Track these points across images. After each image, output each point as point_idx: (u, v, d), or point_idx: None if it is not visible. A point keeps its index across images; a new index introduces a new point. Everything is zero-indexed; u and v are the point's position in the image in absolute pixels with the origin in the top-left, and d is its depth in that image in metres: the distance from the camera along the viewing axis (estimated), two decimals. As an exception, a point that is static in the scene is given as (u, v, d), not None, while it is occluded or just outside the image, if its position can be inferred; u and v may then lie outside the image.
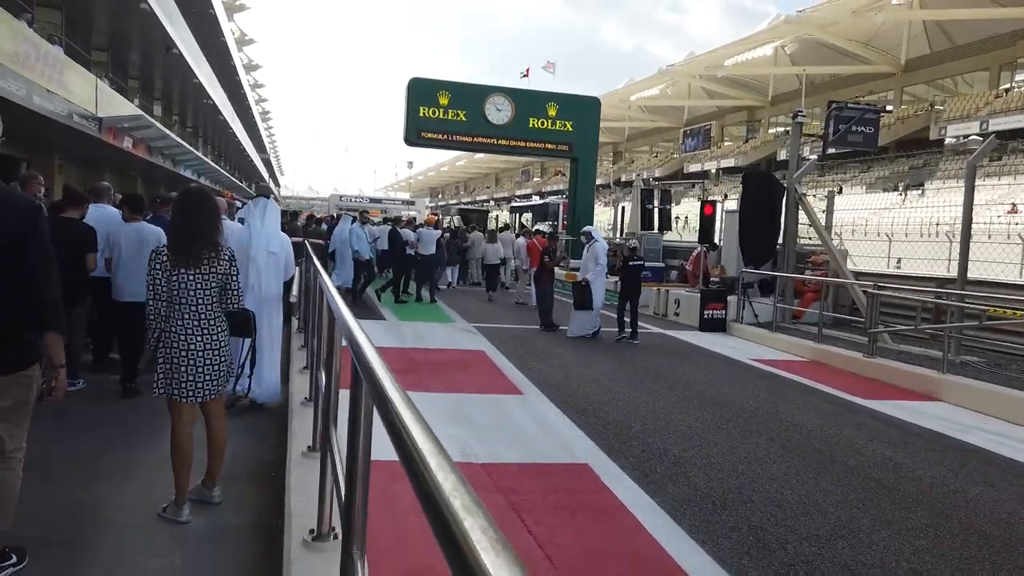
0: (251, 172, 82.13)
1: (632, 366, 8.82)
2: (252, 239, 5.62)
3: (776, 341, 10.89)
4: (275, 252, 5.66)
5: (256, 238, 5.63)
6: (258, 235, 5.65)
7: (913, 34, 49.20)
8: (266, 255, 5.61)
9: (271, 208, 5.87)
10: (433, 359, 8.45)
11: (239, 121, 53.47)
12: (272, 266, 5.67)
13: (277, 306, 5.92)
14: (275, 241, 5.73)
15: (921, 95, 53.15)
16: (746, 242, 12.65)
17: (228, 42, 43.41)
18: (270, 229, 5.73)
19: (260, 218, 5.74)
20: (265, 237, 5.66)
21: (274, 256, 5.66)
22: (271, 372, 5.85)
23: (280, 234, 5.88)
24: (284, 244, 5.86)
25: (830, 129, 12.59)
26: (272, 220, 5.80)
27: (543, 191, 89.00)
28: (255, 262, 5.53)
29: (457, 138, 20.15)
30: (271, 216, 5.80)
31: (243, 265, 5.14)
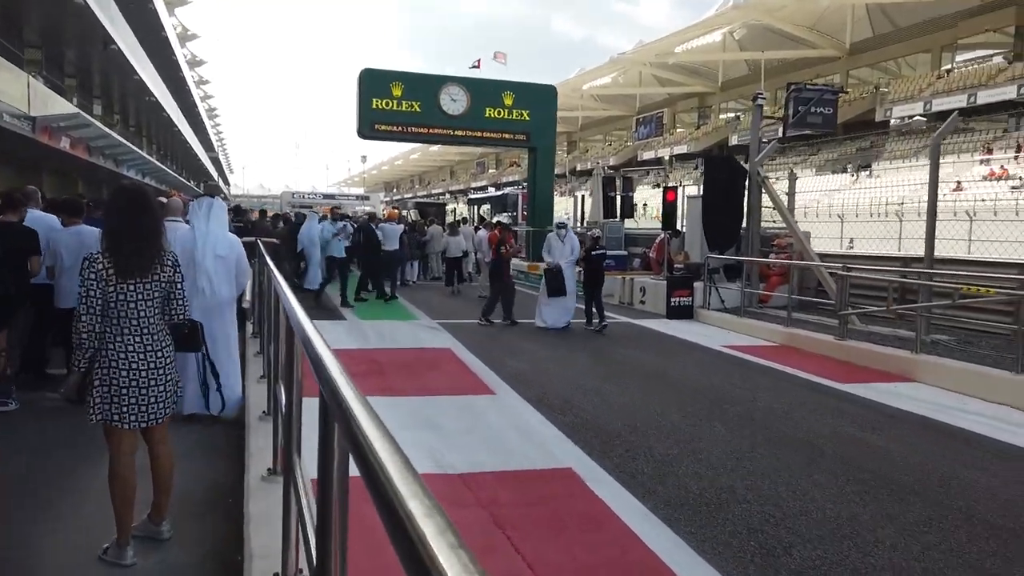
0: (199, 171, 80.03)
1: (604, 358, 8.59)
2: (197, 242, 5.26)
3: (745, 327, 10.77)
4: (223, 255, 5.33)
5: (202, 241, 5.27)
6: (204, 237, 5.28)
7: (856, 17, 50.07)
8: (214, 258, 5.27)
9: (217, 208, 5.49)
10: (398, 359, 8.09)
11: (185, 119, 51.89)
12: (222, 270, 5.34)
13: (231, 312, 5.56)
14: (223, 243, 5.38)
15: (865, 78, 54.16)
16: (710, 227, 12.52)
17: (170, 37, 41.97)
18: (217, 231, 5.37)
19: (205, 219, 5.36)
20: (212, 239, 5.31)
21: (223, 259, 5.33)
22: (233, 381, 5.50)
23: (228, 235, 5.54)
24: (233, 246, 5.51)
25: (789, 111, 12.51)
26: (218, 221, 5.43)
27: (499, 182, 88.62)
28: (202, 267, 5.19)
29: (412, 130, 19.65)
30: (217, 216, 5.43)
31: (189, 270, 4.90)
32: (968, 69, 45.25)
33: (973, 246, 20.09)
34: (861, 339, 8.97)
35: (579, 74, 66.99)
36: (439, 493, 3.93)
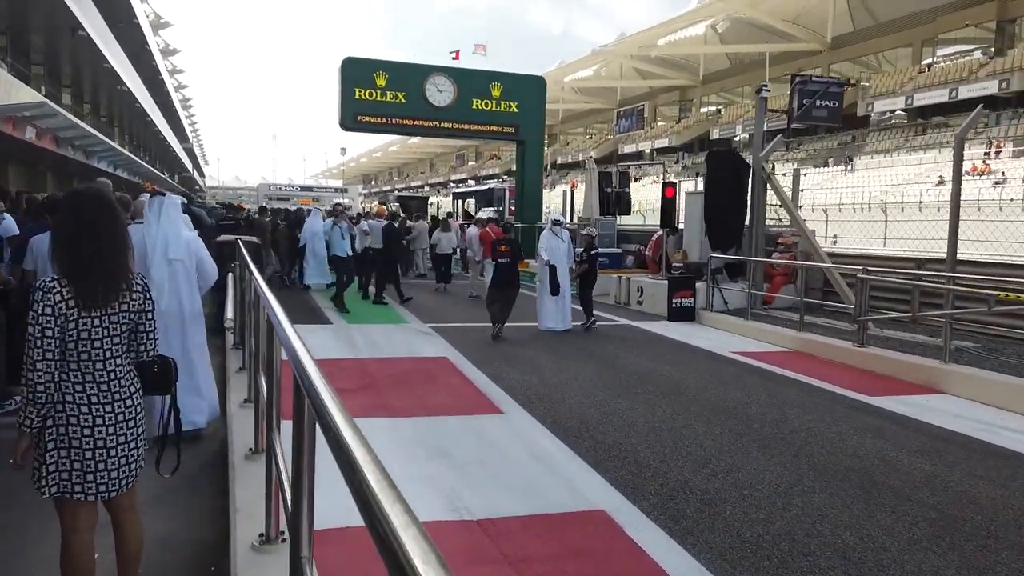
0: (173, 162, 78.38)
1: (612, 367, 8.04)
2: (147, 247, 4.73)
3: (753, 330, 10.29)
4: (178, 259, 4.83)
5: (151, 244, 4.75)
6: (153, 240, 4.77)
7: (838, 11, 50.03)
8: (165, 263, 4.77)
9: (168, 206, 4.96)
10: (392, 371, 7.48)
11: (158, 109, 50.49)
12: (180, 275, 4.85)
13: (194, 324, 5.01)
14: (176, 245, 4.85)
15: (846, 72, 54.19)
16: (712, 225, 12.02)
17: (142, 24, 40.63)
18: (167, 231, 4.84)
19: (156, 220, 4.84)
20: (162, 241, 4.79)
21: (178, 263, 4.83)
22: (208, 390, 5.05)
23: (184, 235, 4.98)
24: (191, 248, 4.98)
25: (794, 104, 12.03)
26: (170, 220, 4.89)
27: (479, 175, 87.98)
28: (150, 274, 4.64)
29: (397, 121, 18.98)
30: (169, 215, 4.90)
31: None
32: (949, 64, 45.32)
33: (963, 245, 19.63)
34: (880, 346, 8.52)
35: (560, 66, 66.42)
36: (458, 545, 3.37)
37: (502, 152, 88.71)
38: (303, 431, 1.80)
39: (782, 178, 11.80)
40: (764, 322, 10.56)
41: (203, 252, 5.13)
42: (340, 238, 11.41)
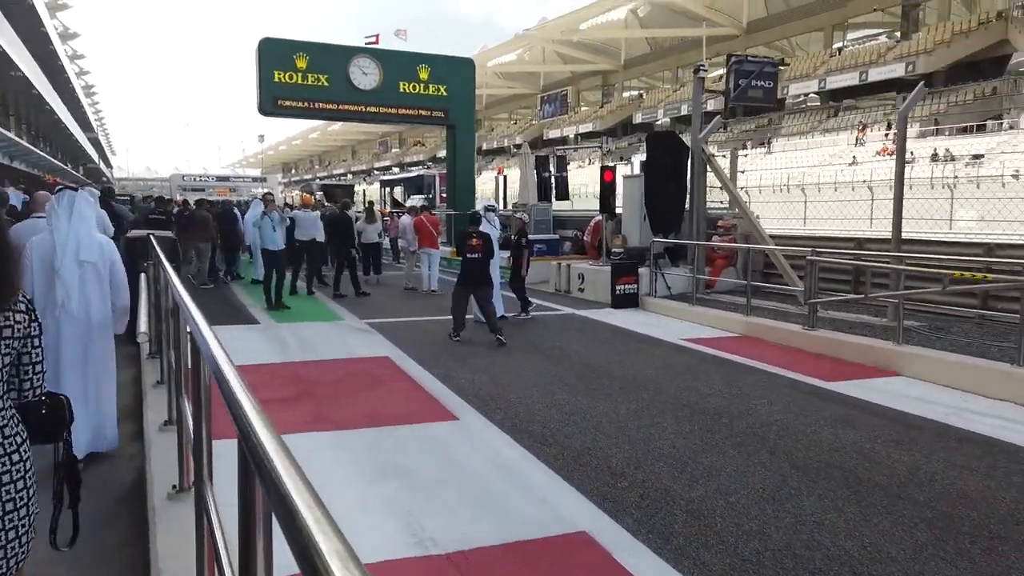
0: (77, 153, 73.94)
1: (563, 361, 7.66)
2: (56, 246, 4.34)
3: (699, 315, 10.10)
4: (90, 260, 4.42)
5: (61, 244, 4.35)
6: (64, 240, 4.36)
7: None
8: (76, 265, 4.37)
9: (80, 203, 4.51)
10: (331, 376, 6.88)
11: (57, 97, 47.26)
12: (92, 279, 4.43)
13: (102, 331, 4.53)
14: (87, 246, 4.43)
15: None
16: (654, 209, 11.80)
17: (37, 6, 37.76)
18: (79, 230, 4.43)
19: (66, 218, 4.42)
20: (73, 241, 4.38)
21: (90, 265, 4.42)
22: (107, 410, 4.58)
23: (96, 236, 4.58)
24: (103, 249, 4.56)
25: (731, 84, 11.88)
26: (82, 218, 4.47)
27: (403, 162, 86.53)
28: (60, 275, 4.30)
29: (320, 105, 18.03)
30: (81, 213, 4.47)
31: (48, 281, 4.26)
32: (859, 48, 46.94)
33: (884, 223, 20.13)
34: (829, 328, 8.43)
35: (483, 51, 65.74)
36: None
37: (426, 138, 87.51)
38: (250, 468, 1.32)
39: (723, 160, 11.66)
40: (709, 307, 10.40)
41: (116, 257, 4.67)
42: (271, 230, 10.58)
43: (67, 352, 4.31)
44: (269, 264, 10.77)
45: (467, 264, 8.77)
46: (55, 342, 4.21)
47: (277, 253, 10.73)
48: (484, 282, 8.82)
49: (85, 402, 4.34)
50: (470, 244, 8.75)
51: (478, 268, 8.74)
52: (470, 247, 8.73)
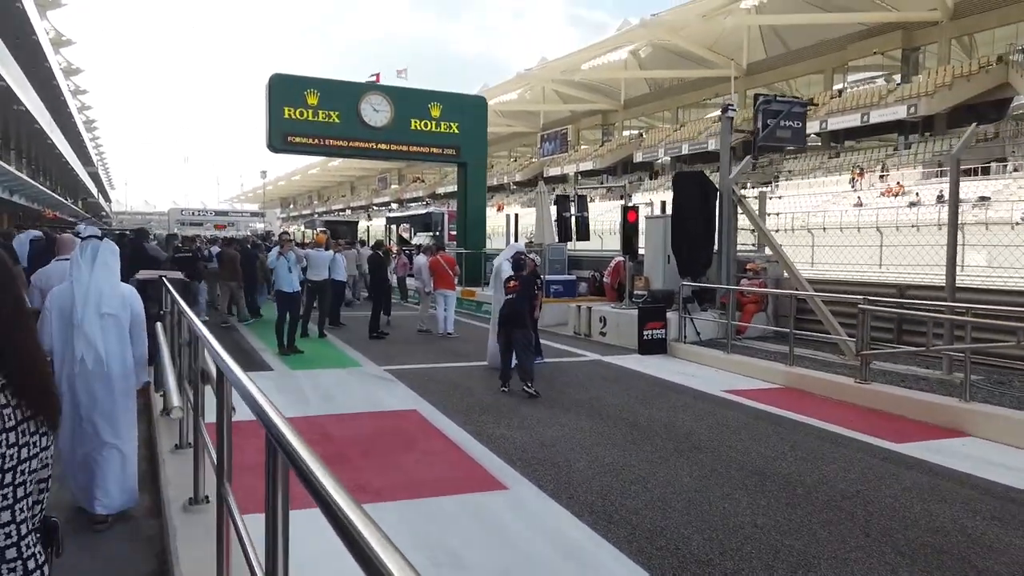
0: (76, 187, 73.77)
1: (603, 415, 7.13)
2: (77, 297, 4.14)
3: (736, 364, 9.60)
4: (112, 313, 4.22)
5: (82, 295, 4.15)
6: (85, 291, 4.16)
7: (752, 39, 51.64)
8: (98, 318, 4.16)
9: (104, 252, 4.31)
10: (357, 432, 6.35)
11: (59, 131, 47.12)
12: (113, 332, 4.22)
13: (123, 385, 4.28)
14: (110, 297, 4.24)
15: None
16: (681, 251, 11.37)
17: (42, 41, 37.78)
18: (102, 281, 4.23)
19: (88, 267, 4.22)
20: (96, 293, 4.18)
21: (112, 318, 4.22)
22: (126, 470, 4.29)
23: (120, 287, 4.38)
24: (127, 300, 4.35)
25: (759, 124, 11.57)
26: (106, 268, 4.28)
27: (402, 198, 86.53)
28: (81, 329, 4.09)
29: (330, 142, 17.74)
30: (104, 263, 4.29)
31: (66, 334, 4.07)
32: (860, 90, 47.23)
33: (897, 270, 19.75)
34: (881, 381, 7.93)
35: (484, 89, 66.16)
36: None
37: (426, 175, 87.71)
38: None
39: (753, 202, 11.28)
40: (744, 354, 9.92)
41: (139, 306, 4.44)
42: (287, 271, 10.12)
43: (85, 409, 4.09)
44: (283, 307, 10.27)
45: (504, 307, 8.55)
46: (71, 399, 4.04)
47: (292, 295, 10.25)
48: (520, 324, 8.33)
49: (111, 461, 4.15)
50: (508, 286, 8.61)
51: (514, 309, 8.39)
52: (508, 289, 8.58)
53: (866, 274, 16.51)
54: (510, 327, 8.30)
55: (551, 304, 14.41)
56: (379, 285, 12.91)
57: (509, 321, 8.35)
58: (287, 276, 10.10)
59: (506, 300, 8.53)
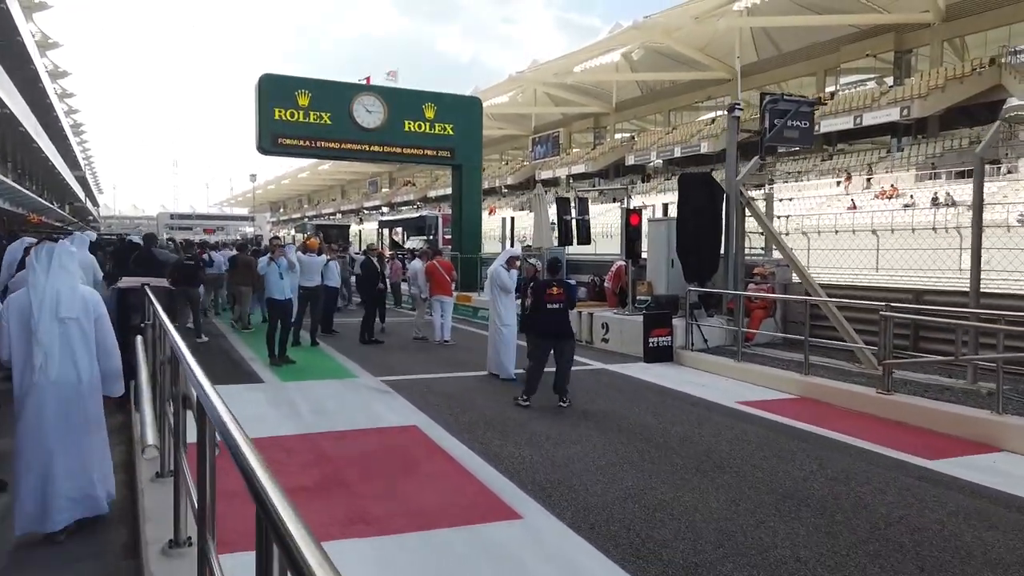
0: (64, 191, 72.82)
1: (616, 430, 6.73)
2: (32, 303, 4.00)
3: (747, 373, 9.23)
4: (73, 317, 4.06)
5: (38, 301, 3.99)
6: (41, 296, 4.00)
7: (743, 41, 51.53)
8: (56, 323, 4.00)
9: (61, 255, 4.16)
10: (355, 451, 5.91)
11: (45, 135, 46.36)
12: (76, 336, 4.05)
13: (89, 393, 4.14)
14: (69, 301, 4.07)
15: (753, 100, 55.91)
16: (687, 255, 10.99)
17: (27, 44, 37.08)
18: (60, 284, 4.07)
19: (44, 272, 4.08)
20: (52, 297, 4.02)
21: (72, 322, 4.05)
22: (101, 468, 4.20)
23: (79, 289, 4.19)
24: (88, 304, 4.18)
25: (766, 124, 11.21)
26: (63, 271, 4.12)
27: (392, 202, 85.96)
28: (37, 336, 3.94)
29: (322, 144, 17.28)
30: (61, 265, 4.13)
31: (25, 341, 3.94)
32: (853, 92, 47.12)
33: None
34: (904, 391, 7.57)
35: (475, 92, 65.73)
36: None
37: (416, 178, 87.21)
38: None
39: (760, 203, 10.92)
40: (755, 362, 9.54)
41: (101, 310, 4.28)
42: (278, 278, 9.67)
43: (48, 419, 3.93)
44: (275, 315, 9.83)
45: (548, 316, 7.78)
46: (35, 409, 3.91)
47: (283, 303, 9.80)
48: (568, 334, 7.88)
49: (69, 471, 4.00)
50: (550, 293, 7.78)
51: (560, 320, 7.81)
52: (550, 296, 7.77)
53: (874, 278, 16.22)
54: (558, 340, 7.72)
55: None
56: (373, 291, 12.47)
57: (558, 333, 7.75)
58: (278, 283, 9.65)
59: (551, 311, 7.77)
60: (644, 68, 57.79)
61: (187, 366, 2.83)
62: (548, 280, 8.09)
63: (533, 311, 7.91)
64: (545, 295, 7.79)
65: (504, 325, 9.27)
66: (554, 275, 8.18)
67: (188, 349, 3.04)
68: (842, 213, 35.41)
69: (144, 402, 3.81)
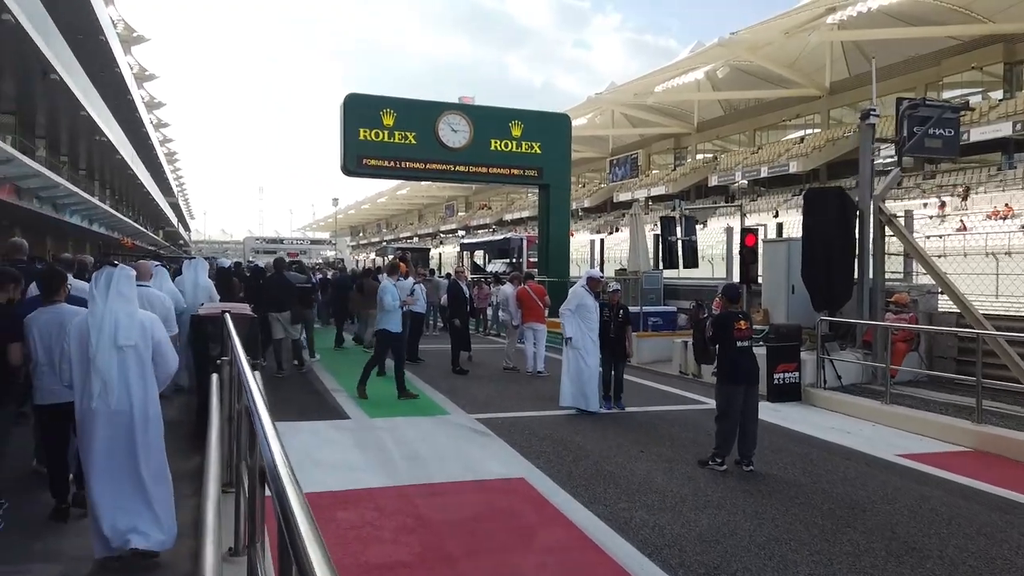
0: (158, 217, 76.05)
1: (761, 489, 5.59)
2: (91, 329, 3.89)
3: (897, 418, 7.89)
4: (130, 344, 3.93)
5: (96, 327, 3.88)
6: (99, 322, 3.89)
7: (833, 57, 49.34)
8: (115, 351, 3.88)
9: (120, 280, 4.02)
10: (456, 513, 4.99)
11: (141, 163, 48.26)
12: (133, 364, 3.93)
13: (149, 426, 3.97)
14: (127, 328, 3.94)
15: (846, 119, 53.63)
16: (818, 280, 9.72)
17: (125, 75, 38.63)
18: (117, 310, 3.95)
19: (103, 297, 3.95)
20: (110, 323, 3.91)
21: (130, 350, 3.93)
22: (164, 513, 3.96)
23: (138, 315, 4.06)
24: (147, 330, 4.06)
25: (904, 132, 9.90)
26: (121, 297, 3.98)
27: (469, 225, 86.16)
28: (95, 364, 3.84)
29: (406, 164, 16.73)
30: (119, 292, 3.99)
31: (83, 367, 3.85)
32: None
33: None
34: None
35: (555, 114, 65.16)
36: None
37: (492, 202, 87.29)
38: None
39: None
40: (905, 405, 8.20)
41: (161, 334, 4.18)
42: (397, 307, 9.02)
43: (100, 449, 3.80)
44: (386, 346, 9.10)
45: (740, 357, 6.36)
46: (89, 437, 3.82)
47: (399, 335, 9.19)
48: (758, 380, 6.57)
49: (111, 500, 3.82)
50: (739, 328, 6.37)
51: (753, 362, 6.48)
52: (739, 331, 6.36)
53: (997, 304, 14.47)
54: (749, 387, 6.35)
55: (648, 339, 12.93)
56: (462, 316, 11.73)
57: (751, 378, 6.38)
58: (396, 313, 8.98)
59: (741, 350, 6.37)
60: (727, 86, 56.13)
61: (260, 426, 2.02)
62: (734, 312, 6.59)
63: (723, 353, 6.48)
64: (734, 330, 6.35)
65: (587, 353, 8.37)
66: (733, 303, 6.82)
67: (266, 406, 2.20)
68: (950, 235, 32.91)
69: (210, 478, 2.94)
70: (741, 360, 6.36)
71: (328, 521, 4.60)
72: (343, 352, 13.47)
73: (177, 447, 5.21)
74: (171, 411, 5.10)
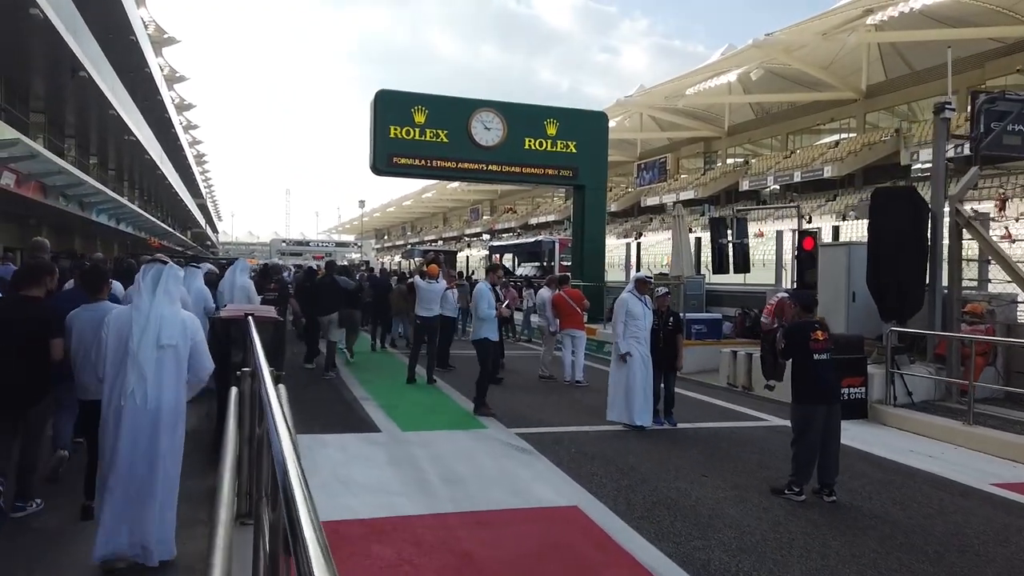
0: (186, 218, 76.49)
1: (854, 526, 4.90)
2: (135, 325, 3.78)
3: (986, 442, 7.12)
4: (171, 344, 3.84)
5: (140, 324, 3.79)
6: (144, 320, 3.80)
7: (870, 59, 48.11)
8: (155, 350, 3.77)
9: (167, 278, 3.95)
10: (506, 547, 4.36)
11: (170, 163, 48.38)
12: (170, 363, 3.84)
13: (175, 424, 3.86)
14: (170, 327, 3.86)
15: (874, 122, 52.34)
16: (888, 288, 8.96)
17: (155, 76, 38.65)
18: (163, 310, 3.86)
19: (149, 294, 3.87)
20: (155, 322, 3.81)
21: (171, 349, 3.83)
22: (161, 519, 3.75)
23: (182, 315, 3.99)
24: (187, 330, 3.96)
25: (980, 127, 9.12)
26: (167, 296, 3.92)
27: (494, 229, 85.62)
28: (136, 360, 3.72)
29: (437, 163, 16.17)
30: (166, 291, 3.92)
31: (118, 361, 3.78)
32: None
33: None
34: None
35: (582, 119, 64.45)
36: None
37: (517, 205, 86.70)
38: None
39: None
40: (990, 426, 7.42)
41: (199, 335, 4.07)
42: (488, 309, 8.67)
43: (123, 449, 3.69)
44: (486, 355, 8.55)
45: (819, 371, 5.64)
46: (114, 436, 3.72)
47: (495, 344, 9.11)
48: (839, 397, 5.94)
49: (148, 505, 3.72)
50: (816, 338, 5.64)
51: (833, 377, 5.82)
52: (816, 343, 5.64)
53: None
54: (831, 405, 5.61)
55: (691, 347, 12.21)
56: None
57: (831, 395, 5.68)
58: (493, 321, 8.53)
59: (819, 363, 5.64)
60: (759, 89, 55.06)
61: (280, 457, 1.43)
62: (810, 322, 5.89)
63: (798, 367, 5.79)
64: (811, 342, 5.64)
65: (635, 363, 7.70)
66: (808, 312, 6.08)
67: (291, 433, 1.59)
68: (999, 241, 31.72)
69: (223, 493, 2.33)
70: (823, 374, 5.62)
71: (362, 557, 4.00)
72: (376, 356, 12.96)
73: (196, 460, 4.69)
74: (192, 418, 4.56)
